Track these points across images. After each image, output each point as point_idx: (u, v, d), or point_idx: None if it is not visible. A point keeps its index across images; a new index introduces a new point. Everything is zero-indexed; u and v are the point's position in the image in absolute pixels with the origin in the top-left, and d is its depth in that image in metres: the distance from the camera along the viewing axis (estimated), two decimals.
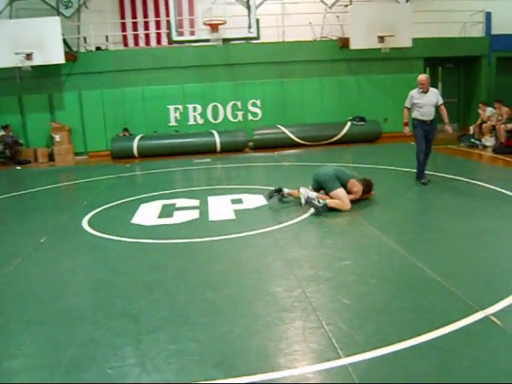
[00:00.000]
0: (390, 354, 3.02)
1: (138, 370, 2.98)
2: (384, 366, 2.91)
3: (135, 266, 4.98)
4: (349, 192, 6.83)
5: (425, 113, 8.17)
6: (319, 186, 6.95)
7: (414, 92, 8.31)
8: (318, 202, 6.55)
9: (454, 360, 2.94)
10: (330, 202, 6.60)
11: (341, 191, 6.70)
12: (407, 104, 8.45)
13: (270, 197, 7.19)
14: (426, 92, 8.19)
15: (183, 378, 2.88)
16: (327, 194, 6.81)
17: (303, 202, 6.64)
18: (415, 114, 8.28)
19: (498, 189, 7.49)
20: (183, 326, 3.54)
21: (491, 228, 5.68)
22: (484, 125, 13.40)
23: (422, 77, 8.31)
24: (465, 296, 3.75)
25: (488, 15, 17.14)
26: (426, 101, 8.15)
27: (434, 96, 8.20)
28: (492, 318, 3.40)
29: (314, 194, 6.72)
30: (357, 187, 6.89)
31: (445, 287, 3.96)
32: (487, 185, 7.82)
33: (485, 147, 12.77)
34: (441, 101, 8.21)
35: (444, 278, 4.12)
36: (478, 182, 8.01)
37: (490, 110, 13.67)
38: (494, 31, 17.23)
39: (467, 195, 7.41)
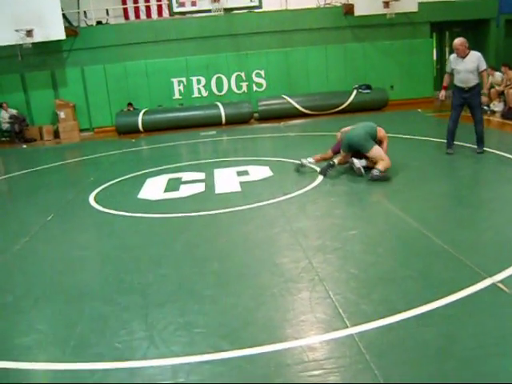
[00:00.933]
0: (396, 322, 3.02)
1: (146, 343, 3.01)
2: (391, 334, 2.91)
3: (142, 241, 5.00)
4: (380, 141, 6.90)
5: (462, 79, 7.61)
6: (353, 150, 6.91)
7: (452, 56, 7.77)
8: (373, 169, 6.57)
9: (461, 327, 2.93)
10: (379, 166, 6.54)
11: (378, 149, 6.69)
12: (447, 69, 7.97)
13: (324, 174, 7.02)
14: (464, 57, 7.59)
15: (191, 350, 2.90)
16: (364, 154, 6.79)
17: (362, 170, 6.69)
18: (455, 80, 7.75)
19: (507, 155, 7.39)
20: (190, 299, 3.55)
21: (499, 195, 5.62)
22: (492, 90, 13.17)
23: (457, 41, 7.66)
24: (472, 263, 3.73)
25: None
26: (463, 66, 7.58)
27: (473, 61, 7.52)
28: (499, 284, 3.38)
29: (363, 162, 6.80)
30: (383, 131, 6.99)
31: (452, 255, 3.94)
32: (495, 151, 7.72)
33: (493, 112, 12.59)
34: (483, 67, 7.52)
35: (451, 246, 4.10)
36: (486, 149, 7.90)
37: (498, 74, 13.42)
38: None
39: (475, 162, 7.33)
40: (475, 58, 7.57)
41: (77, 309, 3.54)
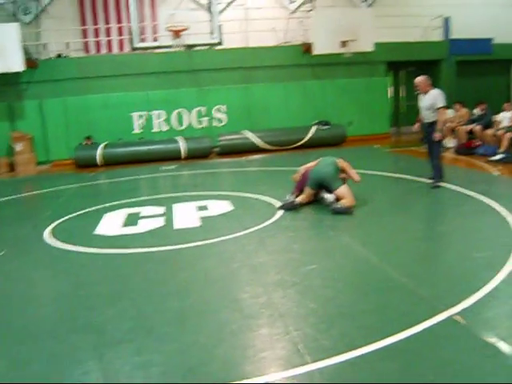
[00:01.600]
0: (356, 357, 3.01)
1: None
2: (351, 369, 2.91)
3: (98, 277, 4.87)
4: (343, 170, 7.19)
5: (423, 115, 8.11)
6: (322, 186, 7.04)
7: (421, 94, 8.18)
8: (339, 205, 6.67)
9: (420, 361, 2.96)
10: (345, 203, 6.68)
11: (345, 188, 6.89)
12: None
13: (285, 209, 7.00)
14: (425, 94, 8.02)
15: None
16: (331, 191, 6.90)
17: (332, 206, 6.69)
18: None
19: (460, 189, 7.63)
20: (148, 337, 3.47)
21: (453, 228, 5.78)
22: (445, 127, 13.64)
23: (417, 78, 8.16)
24: (430, 296, 3.79)
25: (447, 20, 17.52)
26: (423, 103, 8.05)
27: (430, 99, 7.89)
28: (456, 317, 3.44)
29: (332, 197, 6.85)
30: (342, 161, 7.26)
31: (409, 288, 4.00)
32: (449, 185, 7.95)
33: (447, 148, 13.01)
34: (438, 104, 7.77)
35: (409, 279, 4.16)
36: (441, 184, 8.13)
37: (449, 111, 13.94)
38: (453, 36, 17.62)
39: (430, 196, 7.53)
40: (432, 96, 7.90)
41: (30, 349, 3.40)
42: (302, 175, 7.39)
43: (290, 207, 6.99)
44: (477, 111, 12.73)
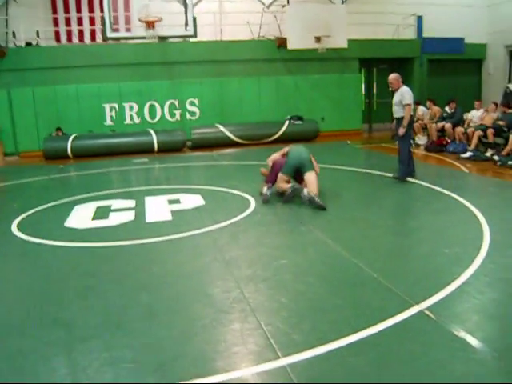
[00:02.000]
0: (327, 352, 3.02)
1: (68, 380, 2.85)
2: (322, 364, 2.91)
3: (68, 272, 4.78)
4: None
5: (393, 110, 8.43)
6: (298, 168, 7.06)
7: None
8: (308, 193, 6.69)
9: (390, 355, 2.98)
10: (313, 190, 6.71)
11: (315, 175, 6.99)
12: None
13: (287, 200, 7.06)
14: (396, 90, 8.37)
15: None
16: (302, 174, 7.00)
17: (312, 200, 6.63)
18: None
19: (430, 185, 7.74)
20: (117, 332, 3.41)
21: (424, 224, 5.85)
22: (416, 124, 13.83)
23: (390, 76, 8.58)
24: (400, 291, 3.83)
25: (419, 19, 17.73)
26: (393, 99, 8.42)
27: (398, 96, 8.25)
28: (426, 311, 3.48)
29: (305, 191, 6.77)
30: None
31: (381, 283, 4.03)
32: (420, 182, 8.06)
33: (418, 145, 13.19)
34: (404, 101, 8.12)
35: (380, 274, 4.20)
36: (412, 180, 8.24)
37: (421, 108, 14.13)
38: (425, 34, 17.84)
39: (401, 193, 7.62)
40: (400, 93, 8.25)
41: None
42: (272, 167, 7.39)
43: (291, 196, 6.99)
44: (448, 109, 12.92)
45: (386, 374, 2.79)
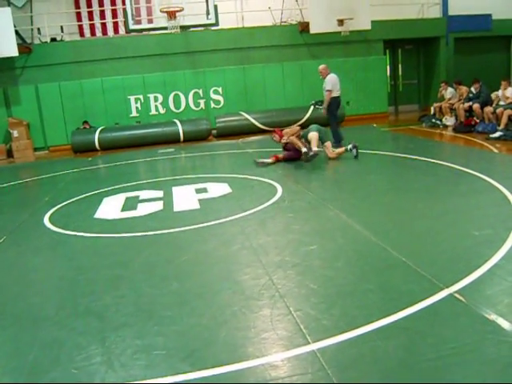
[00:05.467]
0: (357, 336, 3.02)
1: (103, 368, 2.92)
2: (352, 349, 2.92)
3: (99, 262, 4.88)
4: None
5: (324, 95, 10.86)
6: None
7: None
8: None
9: (420, 339, 2.96)
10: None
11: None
12: None
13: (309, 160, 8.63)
14: (324, 78, 10.76)
15: (150, 373, 2.83)
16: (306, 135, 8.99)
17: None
18: None
19: (459, 167, 7.61)
20: (149, 320, 3.48)
21: (453, 207, 5.77)
22: (444, 105, 13.60)
23: (320, 66, 11.00)
24: (429, 275, 3.80)
25: None
26: (323, 85, 10.83)
27: (326, 82, 10.71)
28: (456, 295, 3.44)
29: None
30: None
31: (409, 267, 4.00)
32: (448, 163, 7.94)
33: (445, 127, 12.98)
34: (327, 87, 10.69)
35: (408, 258, 4.16)
36: (440, 162, 8.12)
37: (450, 90, 13.86)
38: (451, 12, 17.45)
39: (429, 175, 7.51)
40: (325, 80, 10.69)
41: (31, 335, 3.41)
42: (284, 146, 9.46)
43: (312, 157, 8.51)
44: (473, 89, 12.65)
45: (416, 357, 2.78)
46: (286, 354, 2.92)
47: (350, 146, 8.92)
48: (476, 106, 12.01)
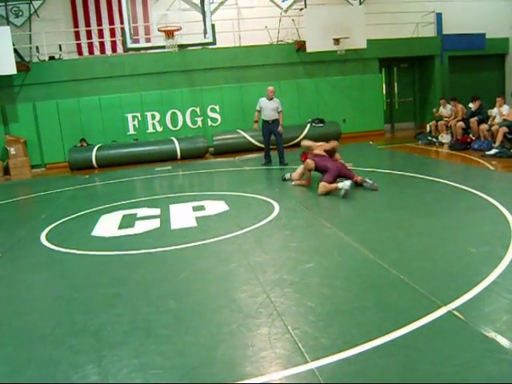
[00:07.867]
0: (355, 354, 3.00)
1: None
2: (350, 367, 2.90)
3: (95, 280, 4.85)
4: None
5: (268, 115, 11.34)
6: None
7: (262, 99, 11.49)
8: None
9: (419, 357, 2.95)
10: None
11: None
12: (258, 107, 11.50)
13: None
14: (271, 99, 11.35)
15: None
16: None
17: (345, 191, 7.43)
18: (262, 116, 11.44)
19: (455, 184, 7.64)
20: (146, 339, 3.45)
21: (449, 224, 5.77)
22: (440, 122, 13.69)
23: (269, 88, 11.58)
24: (427, 292, 3.79)
25: (439, 16, 17.58)
26: (270, 105, 11.32)
27: (275, 103, 11.33)
28: (455, 312, 3.43)
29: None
30: None
31: (407, 284, 3.99)
32: (445, 181, 7.97)
33: (441, 144, 13.05)
34: (279, 108, 11.38)
35: (406, 276, 4.16)
36: (437, 179, 8.16)
37: (449, 107, 13.93)
38: (445, 31, 17.67)
39: (426, 192, 7.53)
40: (276, 101, 11.31)
41: (26, 353, 3.37)
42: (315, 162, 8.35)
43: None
44: (472, 106, 12.73)
45: (415, 376, 2.76)
46: (285, 372, 2.89)
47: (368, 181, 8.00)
48: (472, 120, 12.11)
